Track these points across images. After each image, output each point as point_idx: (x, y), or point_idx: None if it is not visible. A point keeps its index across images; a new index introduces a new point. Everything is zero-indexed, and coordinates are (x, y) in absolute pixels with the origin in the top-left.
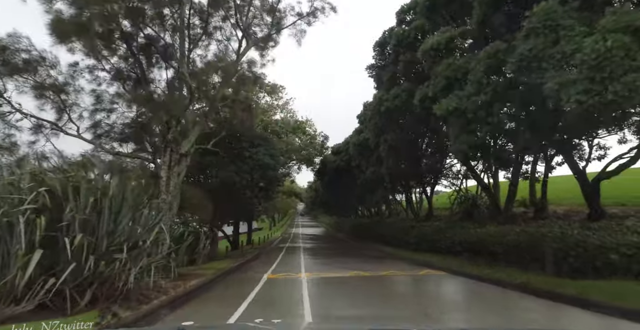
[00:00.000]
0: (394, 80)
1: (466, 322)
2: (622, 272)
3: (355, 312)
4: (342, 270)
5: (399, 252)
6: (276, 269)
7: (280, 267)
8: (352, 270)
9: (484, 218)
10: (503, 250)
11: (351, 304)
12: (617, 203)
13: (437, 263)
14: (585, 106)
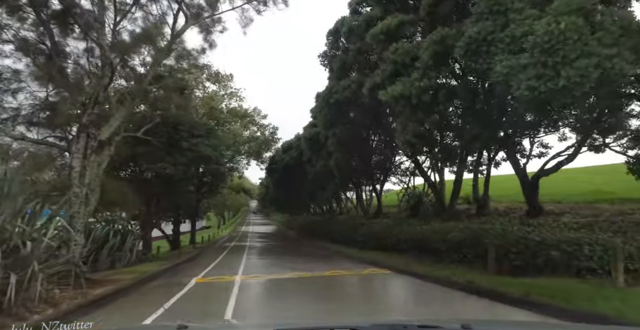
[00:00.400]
0: (344, 70)
1: None
2: (562, 269)
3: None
4: (283, 270)
5: (346, 250)
6: (210, 272)
7: (216, 269)
8: (294, 270)
9: (430, 215)
10: (447, 247)
11: (283, 310)
12: (553, 200)
13: (383, 261)
14: (537, 93)
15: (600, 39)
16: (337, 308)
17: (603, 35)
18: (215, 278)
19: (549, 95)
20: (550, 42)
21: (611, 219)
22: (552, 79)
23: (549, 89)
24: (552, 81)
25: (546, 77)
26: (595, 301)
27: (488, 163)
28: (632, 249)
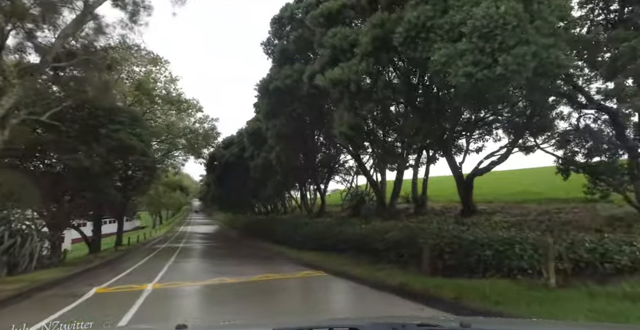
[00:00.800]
0: (287, 58)
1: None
2: (495, 269)
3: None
4: (210, 276)
5: (286, 251)
6: (123, 279)
7: (131, 276)
8: (223, 275)
9: (371, 214)
10: (385, 247)
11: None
12: (486, 200)
13: (320, 263)
14: (474, 80)
15: (538, 27)
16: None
17: (541, 25)
18: (123, 287)
19: (486, 83)
20: (489, 26)
21: (539, 218)
22: (489, 66)
23: (486, 77)
24: (489, 69)
25: (483, 64)
26: (529, 304)
27: (427, 162)
28: (561, 249)
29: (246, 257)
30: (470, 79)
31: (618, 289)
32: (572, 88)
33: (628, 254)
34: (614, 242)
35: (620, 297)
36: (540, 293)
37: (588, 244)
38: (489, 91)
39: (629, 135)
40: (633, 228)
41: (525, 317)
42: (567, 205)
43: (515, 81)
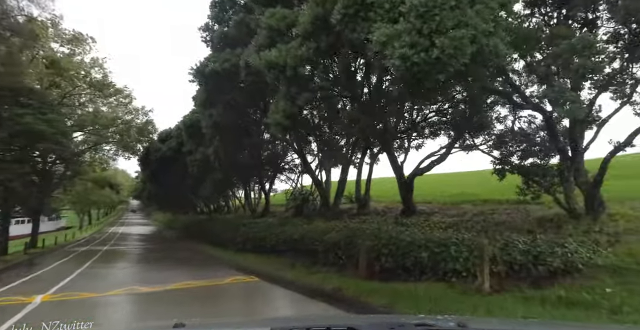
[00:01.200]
0: (226, 44)
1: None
2: (431, 272)
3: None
4: (119, 284)
5: (223, 254)
6: (11, 289)
7: (24, 285)
8: (135, 284)
9: (314, 214)
10: (323, 248)
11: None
12: (425, 201)
13: (255, 266)
14: (409, 63)
15: (478, 11)
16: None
17: (482, 9)
18: (2, 299)
19: (423, 68)
20: (427, 5)
21: (474, 219)
22: (426, 49)
23: (423, 60)
24: (426, 52)
25: (420, 47)
26: (462, 311)
27: (371, 162)
28: (495, 250)
29: (175, 262)
30: (406, 61)
31: (552, 294)
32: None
33: (560, 256)
34: (547, 244)
35: (555, 302)
36: (474, 298)
37: (522, 245)
38: (426, 78)
39: (560, 137)
40: (562, 229)
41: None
42: (500, 206)
43: (453, 67)
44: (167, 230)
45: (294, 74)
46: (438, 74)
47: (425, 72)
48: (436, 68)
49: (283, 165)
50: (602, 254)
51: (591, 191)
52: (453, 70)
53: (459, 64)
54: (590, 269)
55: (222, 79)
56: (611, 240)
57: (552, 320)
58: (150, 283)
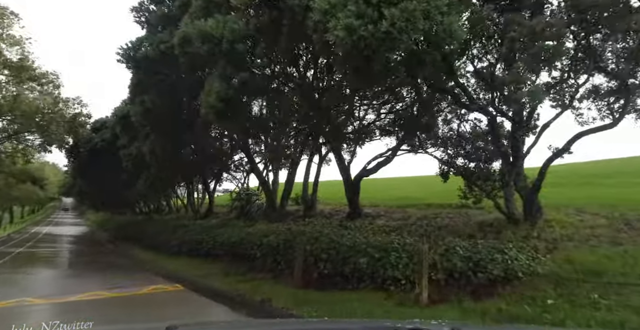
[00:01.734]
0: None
1: None
2: (369, 279)
3: None
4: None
5: (154, 258)
6: None
7: None
8: (28, 295)
9: (258, 216)
10: (262, 253)
11: None
12: (372, 204)
13: (184, 272)
14: (356, 37)
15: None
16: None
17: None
18: None
19: (370, 43)
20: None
21: (418, 223)
22: (375, 21)
23: (371, 34)
24: (375, 25)
25: (368, 18)
26: None
27: (319, 163)
28: (436, 257)
29: (95, 268)
30: (351, 34)
31: (493, 306)
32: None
33: (500, 262)
34: (487, 250)
35: (496, 315)
36: (411, 311)
37: (462, 251)
38: (375, 56)
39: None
40: (502, 234)
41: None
42: (443, 210)
43: (405, 43)
44: (100, 231)
45: (230, 48)
46: (388, 51)
47: (373, 48)
48: (386, 44)
49: (229, 164)
50: (542, 261)
51: (530, 196)
52: (404, 47)
53: (410, 40)
54: (530, 277)
55: (156, 62)
56: (549, 247)
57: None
58: (51, 294)
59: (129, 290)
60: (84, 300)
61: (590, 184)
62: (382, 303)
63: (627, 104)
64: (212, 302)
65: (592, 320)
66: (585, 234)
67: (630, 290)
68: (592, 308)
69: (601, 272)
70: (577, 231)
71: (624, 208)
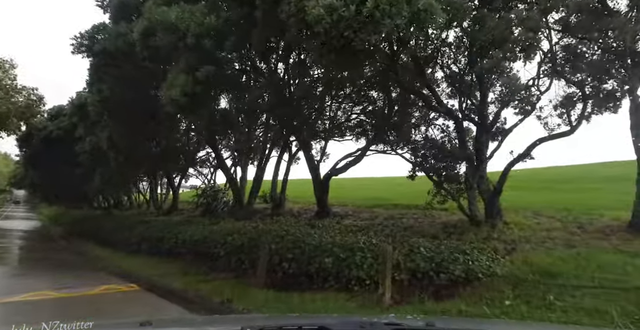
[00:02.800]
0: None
1: None
2: (334, 280)
3: None
4: None
5: (110, 256)
6: None
7: None
8: None
9: (226, 213)
10: (225, 252)
11: None
12: (342, 203)
13: (141, 272)
14: (336, 17)
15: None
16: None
17: None
18: None
19: (351, 25)
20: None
21: (384, 223)
22: (356, 3)
23: (352, 15)
24: (358, 6)
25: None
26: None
27: (288, 160)
28: (400, 257)
29: (45, 265)
30: (332, 14)
31: (454, 307)
32: (427, 89)
33: (462, 263)
34: (449, 250)
35: (455, 316)
36: (373, 312)
37: (425, 252)
38: (355, 37)
39: (469, 145)
40: (464, 235)
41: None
42: (410, 211)
43: (387, 27)
44: (54, 226)
45: (196, 42)
46: (370, 34)
47: (355, 30)
48: (368, 27)
49: (195, 159)
50: (501, 262)
51: (491, 199)
52: (387, 30)
53: (393, 24)
54: (490, 278)
55: (115, 53)
56: (508, 248)
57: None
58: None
59: (79, 290)
60: (28, 300)
61: (549, 189)
62: (344, 304)
63: (583, 112)
64: (168, 303)
65: (548, 321)
66: (541, 237)
67: (583, 292)
68: (547, 309)
69: (556, 273)
70: (534, 233)
71: (577, 212)
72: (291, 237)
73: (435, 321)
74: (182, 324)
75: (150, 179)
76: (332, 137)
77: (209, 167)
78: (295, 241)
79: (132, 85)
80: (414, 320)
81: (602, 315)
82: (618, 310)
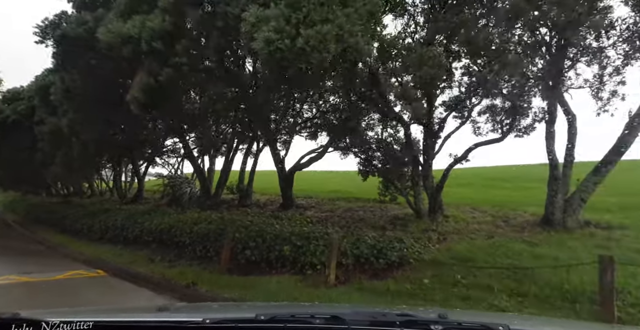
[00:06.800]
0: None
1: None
2: (291, 265)
3: None
4: None
5: (73, 244)
6: None
7: None
8: None
9: (192, 203)
10: (191, 240)
11: None
12: (307, 195)
13: (108, 259)
14: (274, 47)
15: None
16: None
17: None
18: None
19: (287, 55)
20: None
21: (342, 215)
22: (292, 38)
23: (288, 48)
24: (292, 40)
25: (286, 34)
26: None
27: (255, 153)
28: (348, 245)
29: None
30: (270, 45)
31: (384, 285)
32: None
33: (398, 250)
34: (389, 239)
35: (384, 292)
36: (319, 290)
37: (370, 241)
38: (290, 65)
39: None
40: (408, 227)
41: None
42: (367, 204)
43: (316, 59)
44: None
45: (149, 48)
46: (301, 63)
47: (289, 59)
48: (300, 58)
49: (162, 148)
50: (430, 249)
51: (434, 195)
52: (317, 62)
53: (321, 57)
54: (419, 263)
55: (79, 43)
56: (440, 238)
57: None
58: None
59: (46, 275)
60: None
61: (491, 186)
62: (296, 284)
63: (513, 122)
64: (136, 287)
65: (452, 295)
66: (472, 229)
67: (483, 272)
68: (453, 286)
69: (469, 258)
70: (467, 226)
71: (508, 208)
72: (255, 227)
73: (448, 313)
74: (197, 309)
75: (114, 166)
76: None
77: (176, 157)
78: (259, 231)
79: (97, 74)
80: (426, 311)
81: (490, 289)
82: (501, 286)
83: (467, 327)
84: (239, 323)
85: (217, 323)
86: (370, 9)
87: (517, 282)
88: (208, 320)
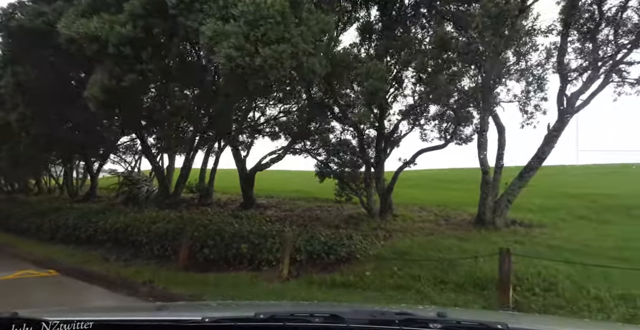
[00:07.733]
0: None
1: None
2: (248, 262)
3: None
4: None
5: (21, 243)
6: None
7: None
8: None
9: (149, 202)
10: (148, 239)
11: None
12: (268, 195)
13: (59, 259)
14: (234, 64)
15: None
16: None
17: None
18: None
19: (247, 71)
20: (256, 14)
21: (301, 214)
22: (251, 55)
23: (247, 64)
24: (252, 58)
25: (246, 51)
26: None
27: (217, 152)
28: (302, 242)
29: None
30: (231, 62)
31: (330, 278)
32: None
33: (347, 246)
34: (340, 236)
35: (330, 284)
36: (272, 284)
37: (323, 238)
38: (249, 80)
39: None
40: (360, 225)
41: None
42: (326, 204)
43: (273, 76)
44: None
45: (117, 51)
46: (260, 79)
47: (248, 75)
48: (258, 74)
49: (117, 145)
50: (375, 245)
51: (385, 196)
52: (274, 78)
53: (279, 74)
54: (365, 258)
55: (33, 37)
56: (386, 236)
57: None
58: None
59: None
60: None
61: (441, 188)
62: (251, 280)
63: (455, 130)
64: (89, 285)
65: (388, 284)
66: (416, 227)
67: (416, 264)
68: (390, 277)
69: (407, 253)
70: (412, 224)
71: (451, 208)
72: (214, 226)
73: (447, 311)
74: (196, 308)
75: (65, 162)
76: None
77: (133, 155)
78: (217, 229)
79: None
80: (425, 310)
81: (420, 278)
82: (429, 275)
83: (466, 326)
84: (238, 322)
85: (216, 322)
86: (322, 28)
87: (442, 272)
88: (207, 319)
